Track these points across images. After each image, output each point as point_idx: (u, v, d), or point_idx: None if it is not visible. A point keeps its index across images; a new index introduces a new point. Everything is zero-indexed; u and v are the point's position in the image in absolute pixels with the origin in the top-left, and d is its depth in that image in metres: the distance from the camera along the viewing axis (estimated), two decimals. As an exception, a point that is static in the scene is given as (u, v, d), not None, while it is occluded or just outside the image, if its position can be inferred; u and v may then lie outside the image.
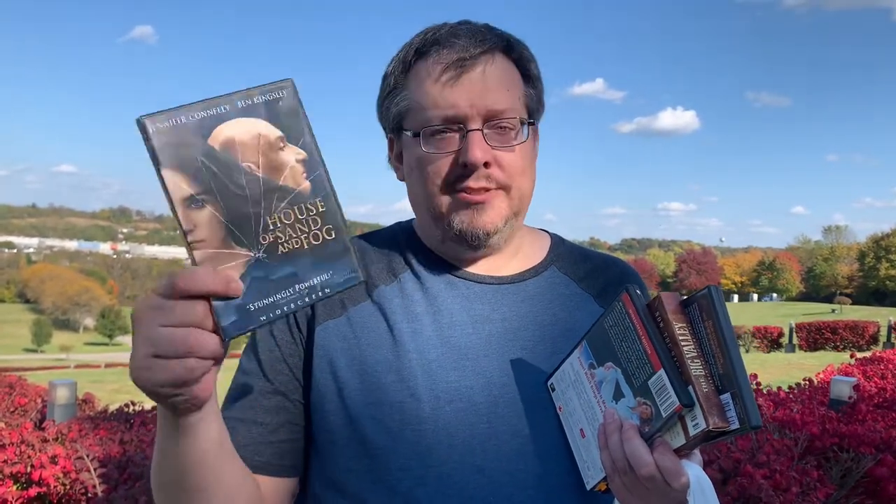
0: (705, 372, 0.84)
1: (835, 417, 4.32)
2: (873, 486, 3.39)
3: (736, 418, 0.82)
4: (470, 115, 0.96)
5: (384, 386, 0.96)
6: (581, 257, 1.16)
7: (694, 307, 0.87)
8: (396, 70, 1.02)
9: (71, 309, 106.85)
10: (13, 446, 3.48)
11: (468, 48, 0.97)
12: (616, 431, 0.87)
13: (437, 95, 0.97)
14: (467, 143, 0.96)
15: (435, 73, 0.97)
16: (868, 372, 8.22)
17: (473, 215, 0.99)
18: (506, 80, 0.99)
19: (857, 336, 24.65)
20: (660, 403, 0.84)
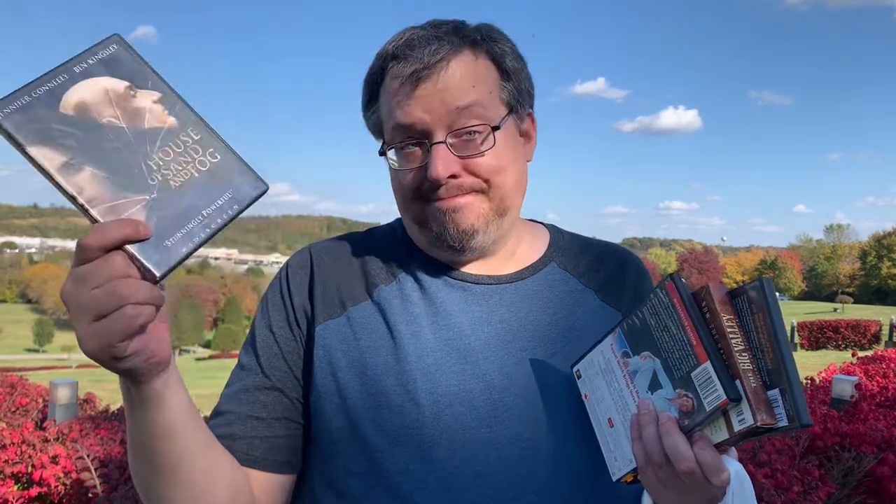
0: (753, 366, 0.81)
1: (836, 416, 4.31)
2: (875, 486, 3.38)
3: (784, 415, 0.79)
4: (431, 128, 0.95)
5: (384, 389, 0.95)
6: (581, 249, 1.14)
7: (742, 299, 0.84)
8: (368, 82, 1.02)
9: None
10: (14, 446, 3.49)
11: (422, 58, 0.95)
12: (651, 423, 0.85)
13: (395, 110, 0.96)
14: (430, 157, 0.95)
15: (394, 88, 0.97)
16: (870, 371, 8.20)
17: (450, 219, 0.98)
18: (469, 78, 0.96)
19: (858, 335, 24.60)
20: (703, 396, 0.81)
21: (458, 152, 0.96)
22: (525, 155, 1.06)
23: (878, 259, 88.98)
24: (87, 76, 0.72)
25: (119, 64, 0.75)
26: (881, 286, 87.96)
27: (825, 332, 25.21)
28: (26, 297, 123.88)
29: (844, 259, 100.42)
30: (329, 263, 1.06)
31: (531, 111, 1.07)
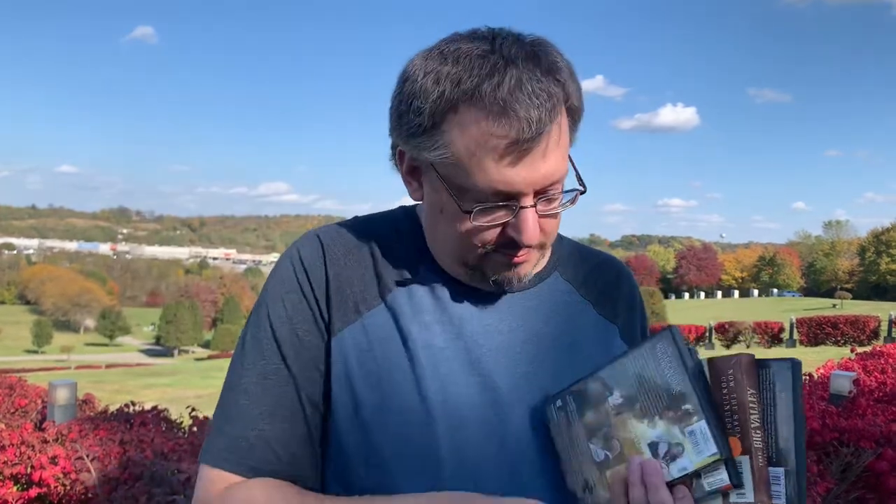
0: (763, 444, 0.82)
1: (835, 412, 4.31)
2: (873, 481, 3.39)
3: (783, 495, 0.80)
4: (525, 193, 0.88)
5: (396, 408, 0.94)
6: (580, 259, 1.13)
7: (768, 372, 0.84)
8: (437, 105, 0.86)
9: (71, 310, 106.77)
10: (13, 447, 3.49)
11: (535, 121, 0.83)
12: (640, 483, 0.84)
13: (492, 171, 0.86)
14: (521, 222, 0.89)
15: (490, 144, 0.84)
16: (868, 366, 8.21)
17: (512, 273, 0.96)
18: (563, 143, 0.90)
19: (857, 331, 24.65)
20: (705, 477, 0.81)
21: (540, 213, 0.91)
22: None
23: (876, 255, 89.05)
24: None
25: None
26: (880, 282, 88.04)
27: (824, 328, 25.25)
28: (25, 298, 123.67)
29: (843, 255, 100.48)
30: (342, 259, 1.00)
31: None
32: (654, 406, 0.85)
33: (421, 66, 0.88)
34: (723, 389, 0.84)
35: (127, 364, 47.37)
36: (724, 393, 0.83)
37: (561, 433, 0.95)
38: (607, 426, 0.90)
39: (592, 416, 0.91)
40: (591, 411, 0.91)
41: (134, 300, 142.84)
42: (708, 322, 29.68)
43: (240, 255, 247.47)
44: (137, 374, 27.37)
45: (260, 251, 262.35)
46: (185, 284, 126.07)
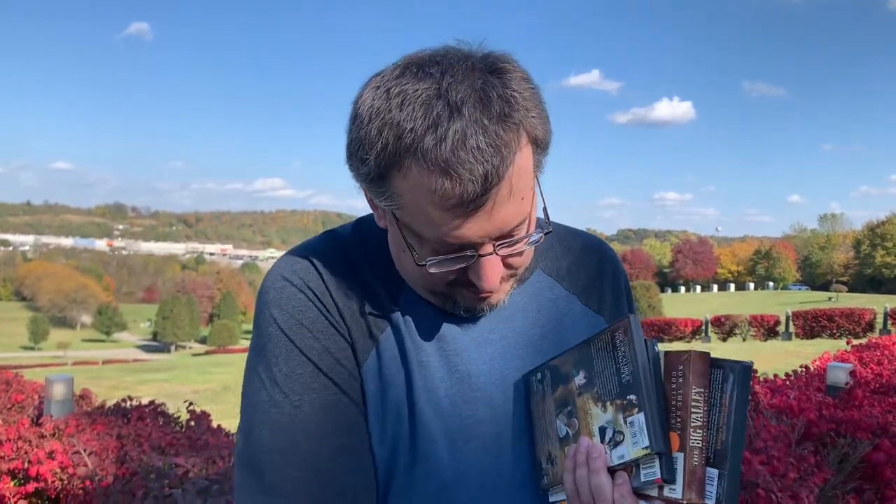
0: (703, 444, 0.83)
1: (831, 403, 4.33)
2: (870, 471, 3.40)
3: (714, 496, 0.82)
4: (482, 243, 0.84)
5: (401, 432, 0.92)
6: (562, 249, 1.10)
7: (720, 372, 0.84)
8: (381, 157, 0.81)
9: (67, 306, 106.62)
10: (10, 442, 3.48)
11: (481, 180, 0.77)
12: (584, 465, 0.86)
13: (442, 225, 0.82)
14: (480, 269, 0.86)
15: (436, 202, 0.80)
16: (864, 358, 8.24)
17: (483, 304, 0.94)
18: (520, 189, 0.83)
19: (853, 323, 24.73)
20: (642, 467, 0.84)
21: (502, 255, 0.87)
22: None
23: (871, 248, 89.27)
24: None
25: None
26: (875, 275, 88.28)
27: (820, 320, 25.33)
28: (21, 294, 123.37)
29: (838, 248, 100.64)
30: (339, 282, 0.95)
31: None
32: (606, 392, 0.88)
33: (368, 107, 0.82)
34: (672, 384, 0.85)
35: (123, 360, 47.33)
36: (673, 388, 0.85)
37: (537, 405, 0.97)
38: (571, 404, 0.92)
39: (561, 392, 0.94)
40: (561, 387, 0.94)
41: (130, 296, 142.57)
42: (704, 316, 29.75)
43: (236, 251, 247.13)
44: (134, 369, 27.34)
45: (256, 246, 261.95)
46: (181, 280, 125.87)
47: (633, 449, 0.83)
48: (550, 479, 0.94)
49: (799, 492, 2.70)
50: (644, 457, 0.82)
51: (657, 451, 0.81)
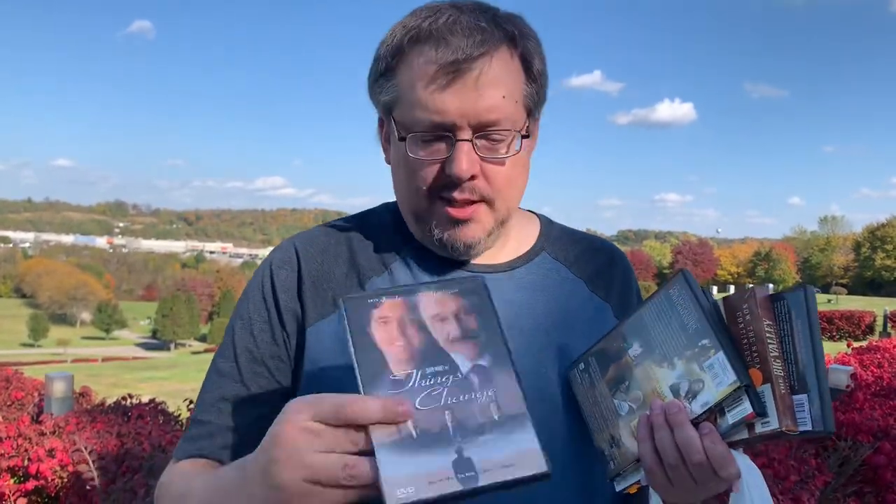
0: (784, 373, 0.82)
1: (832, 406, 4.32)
2: (871, 474, 3.40)
3: (809, 420, 0.80)
4: (459, 125, 0.90)
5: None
6: (571, 240, 1.13)
7: (783, 304, 0.85)
8: (388, 54, 0.94)
9: (67, 303, 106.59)
10: (10, 440, 3.47)
11: (465, 48, 0.88)
12: (665, 426, 0.84)
13: (426, 98, 0.90)
14: (454, 154, 0.91)
15: (426, 73, 0.90)
16: (865, 361, 8.22)
17: (455, 230, 0.96)
18: (503, 83, 0.91)
19: (853, 326, 24.74)
20: (728, 410, 0.82)
21: (481, 154, 0.92)
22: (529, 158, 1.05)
23: (871, 250, 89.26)
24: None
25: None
26: (875, 277, 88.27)
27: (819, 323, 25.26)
28: (21, 291, 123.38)
29: (838, 251, 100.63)
30: (317, 256, 1.02)
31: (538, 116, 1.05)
32: (672, 349, 0.87)
33: (392, 27, 0.96)
34: (739, 324, 0.85)
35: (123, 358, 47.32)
36: (741, 326, 0.85)
37: (585, 395, 0.96)
38: (629, 378, 0.91)
39: (614, 371, 0.93)
40: (613, 366, 0.93)
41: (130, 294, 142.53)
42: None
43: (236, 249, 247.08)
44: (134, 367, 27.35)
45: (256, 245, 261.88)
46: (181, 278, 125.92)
47: (718, 390, 0.81)
48: (618, 462, 0.92)
49: (800, 495, 2.70)
50: (731, 395, 0.80)
51: (745, 382, 0.80)
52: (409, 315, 0.74)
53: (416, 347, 0.73)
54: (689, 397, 0.84)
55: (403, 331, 0.73)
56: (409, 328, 0.74)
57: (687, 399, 0.84)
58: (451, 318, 0.75)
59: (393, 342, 0.72)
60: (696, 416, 0.83)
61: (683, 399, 0.84)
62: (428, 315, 0.75)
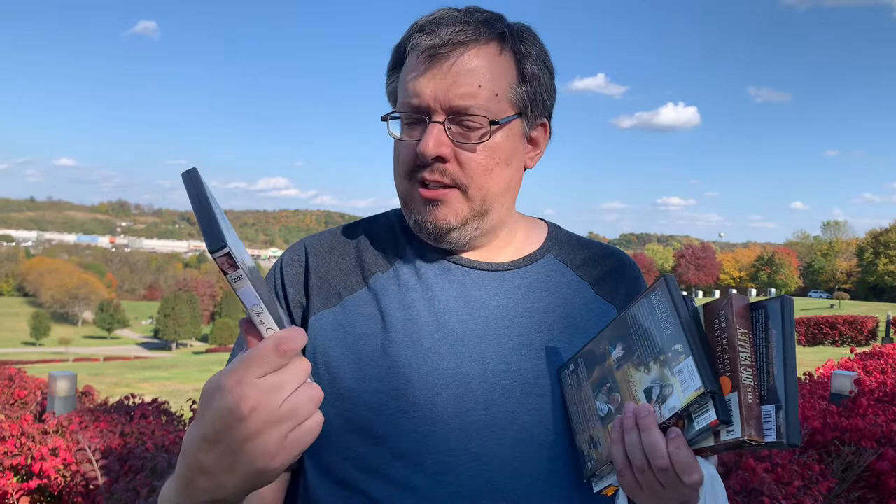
0: (754, 382, 0.82)
1: (836, 411, 4.32)
2: (874, 480, 3.39)
3: (773, 431, 0.80)
4: (433, 107, 0.95)
5: (379, 374, 0.95)
6: (578, 245, 1.15)
7: (761, 312, 0.85)
8: (396, 49, 1.02)
9: (69, 302, 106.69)
10: (13, 438, 3.47)
11: (445, 36, 0.94)
12: (634, 429, 0.85)
13: (409, 83, 0.97)
14: (424, 133, 0.96)
15: (412, 60, 0.97)
16: (868, 366, 8.21)
17: (427, 210, 0.99)
18: (482, 74, 0.95)
19: (855, 331, 24.67)
20: (695, 416, 0.82)
21: (453, 138, 0.96)
22: (525, 161, 1.06)
23: (874, 255, 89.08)
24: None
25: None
26: (878, 283, 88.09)
27: (822, 328, 25.26)
28: (23, 290, 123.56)
29: (841, 255, 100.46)
30: (324, 255, 1.06)
31: (546, 121, 1.06)
32: (648, 353, 0.87)
33: None
34: (715, 330, 0.85)
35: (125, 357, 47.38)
36: (717, 333, 0.85)
37: (572, 395, 0.97)
38: (611, 380, 0.92)
39: (598, 372, 0.94)
40: (598, 368, 0.94)
41: (132, 293, 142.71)
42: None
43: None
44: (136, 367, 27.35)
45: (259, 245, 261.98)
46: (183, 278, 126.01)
47: (685, 395, 0.82)
48: (595, 462, 0.93)
49: (803, 500, 2.69)
50: (697, 400, 0.81)
51: (710, 388, 0.80)
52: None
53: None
54: (660, 402, 0.85)
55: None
56: None
57: (657, 403, 0.85)
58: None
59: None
60: (665, 421, 0.84)
61: (655, 403, 0.85)
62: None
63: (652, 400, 0.85)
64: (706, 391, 0.80)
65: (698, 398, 0.80)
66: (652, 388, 0.86)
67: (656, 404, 0.85)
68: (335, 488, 0.96)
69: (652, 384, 0.86)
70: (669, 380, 0.84)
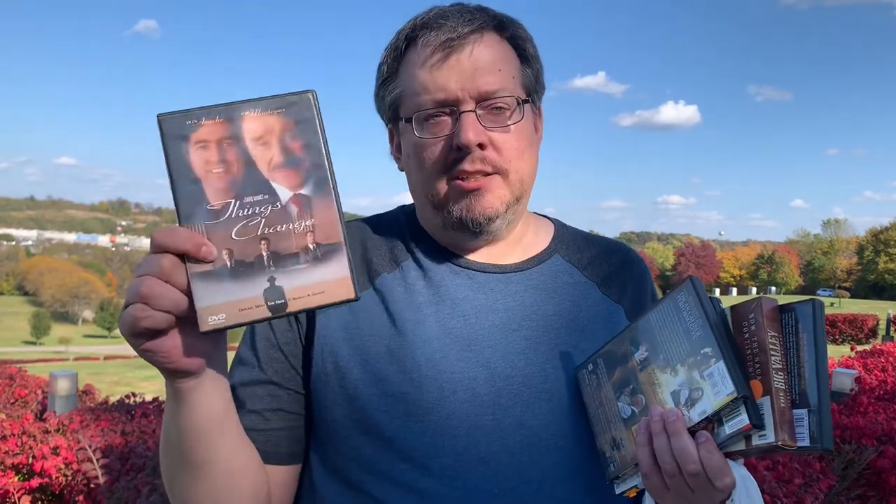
0: (786, 386, 0.81)
1: (836, 409, 4.32)
2: (875, 478, 3.39)
3: (807, 435, 0.79)
4: (461, 98, 0.94)
5: (387, 377, 0.95)
6: (585, 243, 1.14)
7: (791, 315, 0.84)
8: (389, 58, 1.01)
9: (70, 301, 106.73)
10: (14, 437, 3.47)
11: (456, 28, 0.95)
12: (663, 433, 0.84)
13: (426, 79, 0.95)
14: (460, 124, 0.94)
15: (424, 56, 0.96)
16: (869, 364, 8.21)
17: (472, 202, 0.97)
18: (498, 59, 0.97)
19: (855, 329, 24.70)
20: (726, 420, 0.81)
21: (485, 123, 0.96)
22: (538, 144, 1.07)
23: (874, 254, 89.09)
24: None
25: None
26: (878, 281, 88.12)
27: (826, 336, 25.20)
28: (23, 289, 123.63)
29: (841, 254, 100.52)
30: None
31: (540, 106, 1.08)
32: (675, 355, 0.86)
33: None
34: (744, 333, 0.84)
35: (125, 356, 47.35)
36: (746, 336, 0.84)
37: (592, 396, 0.96)
38: (633, 382, 0.91)
39: (620, 373, 0.92)
40: (619, 369, 0.93)
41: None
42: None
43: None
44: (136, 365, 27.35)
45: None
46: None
47: (716, 399, 0.80)
48: (618, 465, 0.92)
49: (804, 498, 2.70)
50: (728, 405, 0.80)
51: (742, 394, 0.79)
52: (229, 138, 0.70)
53: (236, 175, 0.70)
54: (689, 405, 0.83)
55: (223, 156, 0.70)
56: (229, 153, 0.70)
57: (686, 407, 0.84)
58: (274, 143, 0.71)
59: (211, 169, 0.70)
60: (694, 425, 0.83)
61: (683, 406, 0.84)
62: (250, 138, 0.70)
63: (680, 403, 0.84)
64: (738, 396, 0.79)
65: (730, 402, 0.79)
66: (679, 391, 0.85)
67: (684, 407, 0.84)
68: (342, 488, 0.97)
69: (679, 387, 0.85)
70: (699, 383, 0.83)
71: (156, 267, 0.69)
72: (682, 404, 0.84)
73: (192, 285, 0.69)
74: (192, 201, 0.70)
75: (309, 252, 0.70)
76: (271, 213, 0.70)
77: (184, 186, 0.69)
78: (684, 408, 0.84)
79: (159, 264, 0.69)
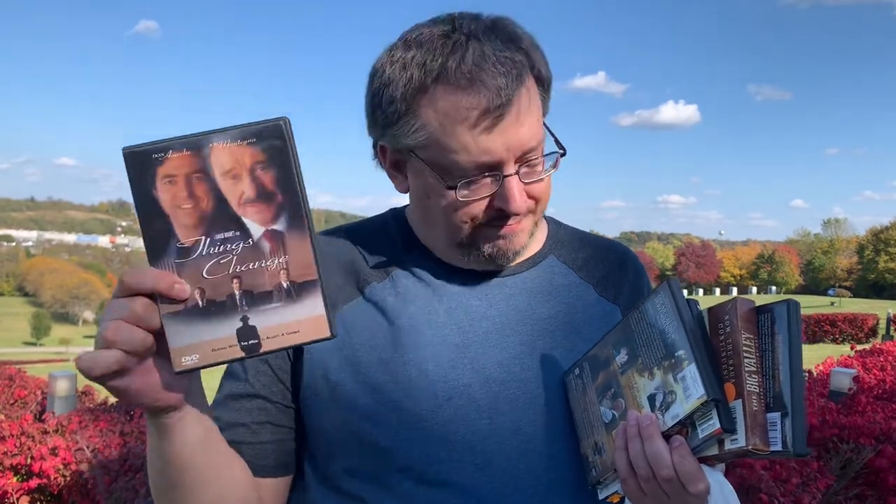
0: (760, 389, 0.80)
1: (835, 409, 4.32)
2: (873, 477, 3.39)
3: (779, 440, 0.78)
4: (506, 159, 0.89)
5: (379, 387, 0.94)
6: (580, 243, 1.13)
7: (767, 317, 0.83)
8: (407, 90, 0.89)
9: (70, 302, 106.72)
10: (13, 438, 3.48)
11: (503, 88, 0.86)
12: (638, 437, 0.84)
13: (470, 142, 0.88)
14: (506, 191, 0.90)
15: (465, 116, 0.87)
16: (868, 364, 8.22)
17: (506, 243, 0.96)
18: (535, 109, 0.92)
19: (856, 329, 24.69)
20: (699, 424, 0.80)
21: (525, 180, 0.93)
22: None
23: (875, 253, 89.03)
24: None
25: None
26: (878, 280, 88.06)
27: (822, 325, 25.26)
28: (23, 290, 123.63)
29: (842, 253, 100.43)
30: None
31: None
32: (652, 358, 0.85)
33: (387, 59, 0.91)
34: (720, 335, 0.83)
35: (125, 357, 47.15)
36: (721, 339, 0.83)
37: (577, 401, 0.95)
38: (615, 386, 0.90)
39: (602, 377, 0.92)
40: (602, 373, 0.92)
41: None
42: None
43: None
44: (136, 366, 27.26)
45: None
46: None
47: (688, 403, 0.80)
48: (599, 469, 0.91)
49: (801, 497, 2.70)
50: (700, 408, 0.79)
51: (713, 397, 0.78)
52: (198, 171, 0.67)
53: (205, 211, 0.67)
54: (663, 409, 0.83)
55: (191, 191, 0.67)
56: (198, 187, 0.67)
57: (661, 411, 0.83)
58: (244, 176, 0.68)
59: (180, 204, 0.67)
60: (668, 429, 0.82)
61: (658, 410, 0.83)
62: (219, 172, 0.67)
63: (655, 407, 0.84)
64: (709, 399, 0.78)
65: (702, 406, 0.79)
66: (656, 395, 0.84)
67: (659, 412, 0.83)
68: (338, 498, 0.96)
69: (656, 391, 0.84)
70: (673, 386, 0.82)
71: (126, 311, 0.68)
72: (657, 408, 0.83)
73: (165, 325, 0.68)
74: (162, 239, 0.68)
75: (283, 290, 0.68)
76: (243, 250, 0.68)
77: (152, 223, 0.67)
78: (659, 412, 0.83)
79: (130, 308, 0.68)
